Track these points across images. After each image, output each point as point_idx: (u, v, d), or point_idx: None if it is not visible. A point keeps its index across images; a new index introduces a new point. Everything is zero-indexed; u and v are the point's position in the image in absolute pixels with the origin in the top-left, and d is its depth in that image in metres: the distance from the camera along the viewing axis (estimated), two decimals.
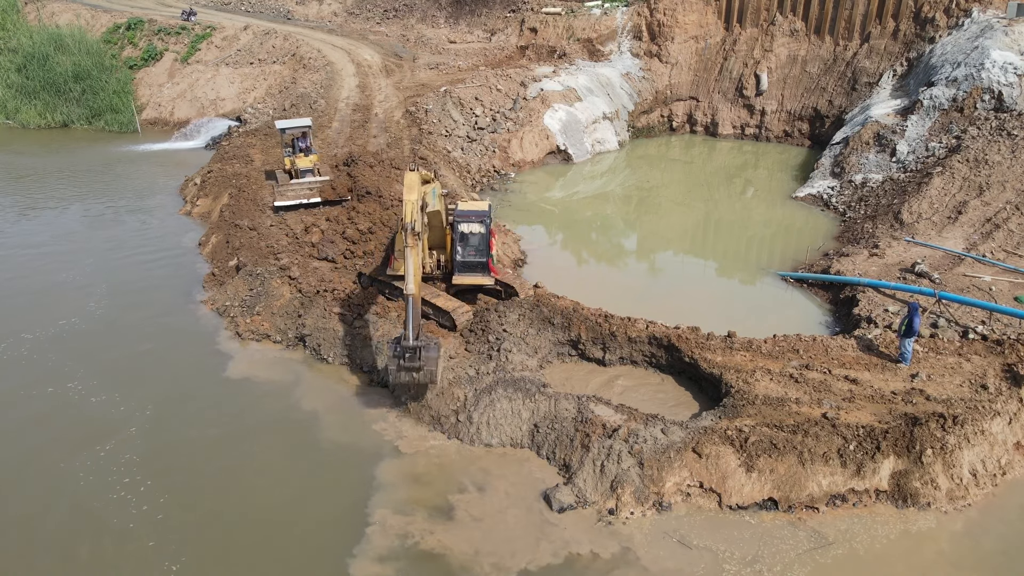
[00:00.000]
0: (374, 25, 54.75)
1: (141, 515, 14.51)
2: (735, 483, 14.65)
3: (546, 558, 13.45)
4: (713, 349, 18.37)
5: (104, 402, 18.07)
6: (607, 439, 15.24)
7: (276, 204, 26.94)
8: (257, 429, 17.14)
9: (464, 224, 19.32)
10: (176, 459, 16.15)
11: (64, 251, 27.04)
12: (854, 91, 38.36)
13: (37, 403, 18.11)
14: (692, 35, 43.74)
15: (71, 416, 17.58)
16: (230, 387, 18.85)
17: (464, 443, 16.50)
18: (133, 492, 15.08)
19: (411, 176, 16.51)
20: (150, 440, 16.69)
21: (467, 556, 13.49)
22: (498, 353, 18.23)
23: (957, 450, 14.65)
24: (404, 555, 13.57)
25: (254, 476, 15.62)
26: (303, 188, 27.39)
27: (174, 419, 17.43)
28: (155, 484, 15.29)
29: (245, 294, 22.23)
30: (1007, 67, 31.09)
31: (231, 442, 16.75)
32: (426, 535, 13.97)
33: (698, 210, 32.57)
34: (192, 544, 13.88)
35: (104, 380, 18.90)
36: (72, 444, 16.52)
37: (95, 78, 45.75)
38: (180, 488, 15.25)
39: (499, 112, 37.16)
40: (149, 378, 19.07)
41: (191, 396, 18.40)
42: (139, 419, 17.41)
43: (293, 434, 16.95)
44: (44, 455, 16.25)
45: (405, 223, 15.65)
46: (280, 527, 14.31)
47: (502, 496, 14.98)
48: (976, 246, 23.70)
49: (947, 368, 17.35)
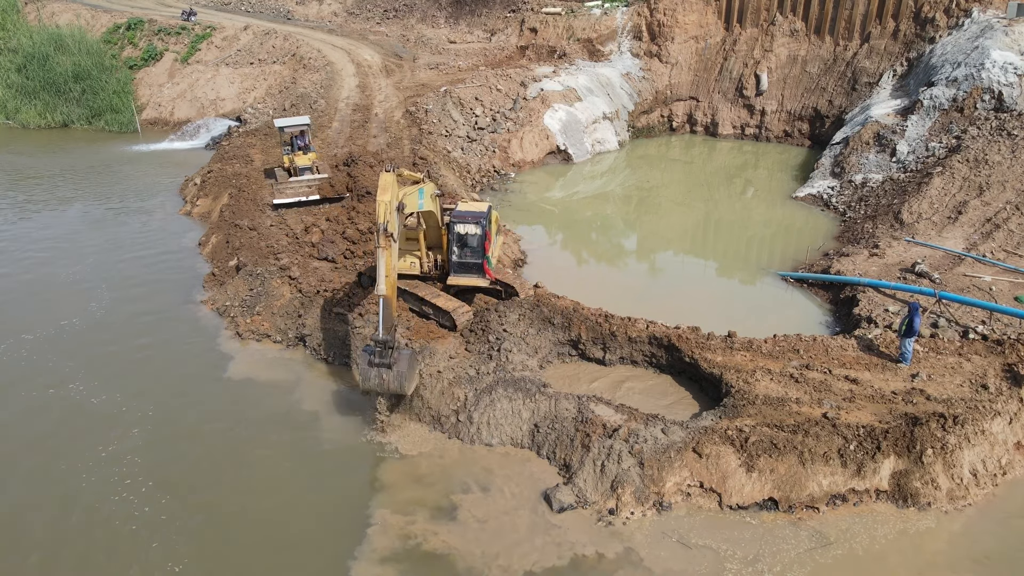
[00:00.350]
0: (374, 25, 54.75)
1: (143, 516, 14.51)
2: (735, 483, 14.65)
3: (548, 559, 13.44)
4: (713, 349, 18.37)
5: (104, 402, 18.07)
6: (607, 439, 15.24)
7: (275, 202, 27.13)
8: (257, 430, 17.14)
9: (460, 225, 19.18)
10: (177, 460, 16.17)
11: (64, 251, 27.04)
12: (854, 91, 38.36)
13: (37, 403, 18.11)
14: (692, 35, 43.74)
15: (71, 417, 17.58)
16: (230, 387, 18.86)
17: (464, 443, 16.50)
18: (135, 492, 15.10)
19: (386, 177, 16.19)
20: (151, 441, 16.70)
21: (469, 556, 13.48)
22: (498, 353, 18.22)
23: (957, 450, 14.65)
24: (406, 556, 13.56)
25: (255, 477, 15.63)
26: (302, 186, 27.54)
27: (175, 420, 17.43)
28: (156, 485, 15.33)
29: (245, 294, 22.24)
30: (1007, 67, 31.09)
31: (232, 443, 16.75)
32: (429, 536, 13.97)
33: (698, 210, 32.57)
34: (194, 545, 13.89)
35: (103, 381, 18.89)
36: (74, 444, 16.54)
37: (95, 78, 45.77)
38: (181, 489, 15.28)
39: (499, 112, 37.16)
40: (149, 379, 19.07)
41: (191, 396, 18.39)
42: (140, 419, 17.41)
43: (294, 434, 16.95)
44: (47, 456, 16.25)
45: (378, 223, 15.58)
46: (281, 527, 14.30)
47: (504, 496, 14.98)
48: (976, 246, 23.70)
49: (947, 368, 17.35)
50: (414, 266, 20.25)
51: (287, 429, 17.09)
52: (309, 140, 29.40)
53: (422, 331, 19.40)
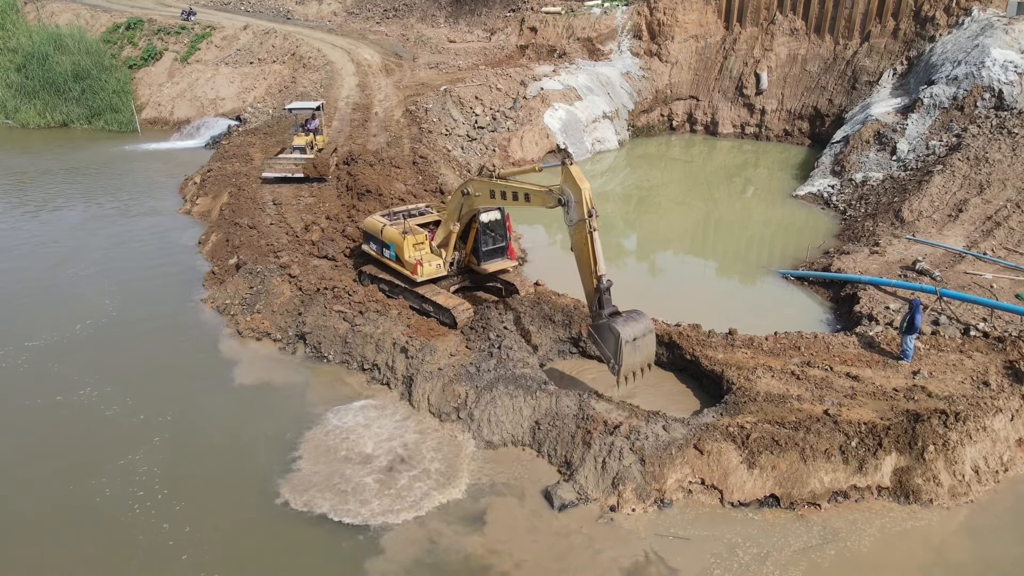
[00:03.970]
0: (374, 25, 54.76)
1: (160, 526, 14.20)
2: (737, 480, 14.61)
3: (549, 556, 13.41)
4: (714, 346, 18.35)
5: (105, 402, 18.00)
6: (608, 436, 15.19)
7: (262, 175, 29.26)
8: (258, 430, 17.04)
9: (484, 214, 19.64)
10: (187, 466, 15.85)
11: (64, 251, 27.01)
12: (854, 90, 38.36)
13: (38, 402, 18.06)
14: (692, 34, 43.75)
15: (72, 419, 17.46)
16: (230, 387, 18.78)
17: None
18: (152, 500, 14.77)
19: (576, 169, 16.21)
20: (159, 447, 16.42)
21: (474, 555, 13.46)
22: (499, 350, 18.19)
23: (959, 447, 14.61)
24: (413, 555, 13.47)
25: (260, 481, 15.43)
26: (289, 163, 29.26)
27: (176, 422, 17.28)
28: (171, 493, 14.96)
29: (245, 292, 22.20)
30: (1007, 65, 31.09)
31: (233, 444, 16.64)
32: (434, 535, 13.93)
33: (698, 209, 32.55)
34: (221, 556, 13.55)
35: (112, 386, 18.70)
36: (88, 453, 16.28)
37: (95, 78, 45.77)
38: (198, 498, 14.90)
39: (499, 111, 37.15)
40: (149, 379, 18.96)
41: (191, 396, 18.30)
42: (140, 421, 17.32)
43: (293, 434, 16.86)
44: (61, 464, 15.91)
45: (591, 209, 15.72)
46: (284, 529, 14.20)
47: (505, 494, 14.94)
48: (977, 244, 23.68)
49: (949, 365, 17.32)
50: (439, 268, 20.46)
51: (287, 429, 16.96)
52: (319, 124, 30.98)
53: (423, 329, 19.37)
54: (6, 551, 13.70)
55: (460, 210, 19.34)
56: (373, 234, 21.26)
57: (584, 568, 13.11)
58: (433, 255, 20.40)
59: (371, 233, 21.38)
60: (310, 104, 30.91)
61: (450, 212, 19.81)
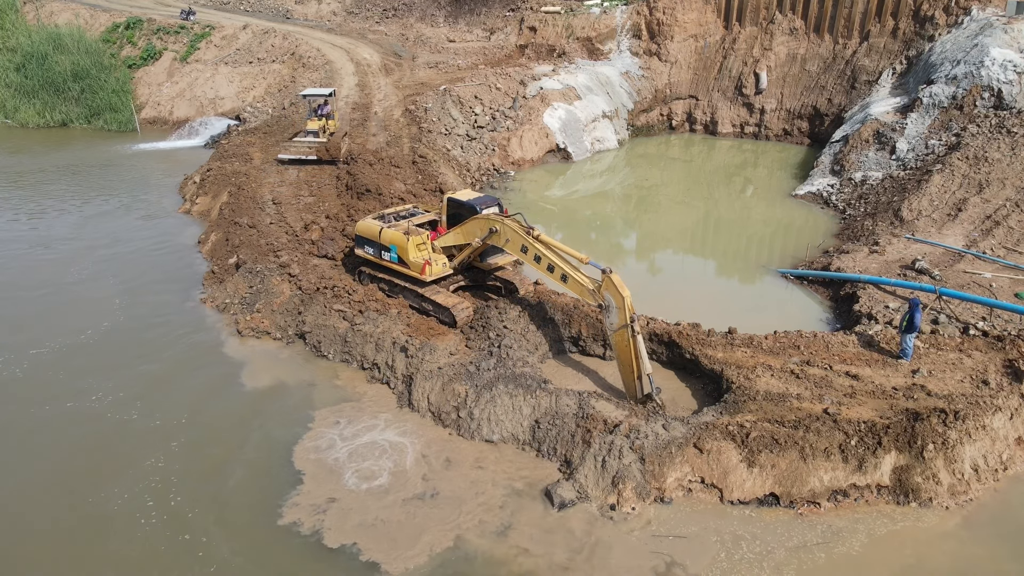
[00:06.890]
0: (373, 24, 54.74)
1: (182, 536, 14.19)
2: (736, 478, 14.63)
3: (550, 554, 13.42)
4: (714, 345, 18.36)
5: (104, 402, 17.97)
6: (608, 435, 15.21)
7: (279, 156, 31.06)
8: (257, 430, 17.03)
9: (485, 211, 19.70)
10: (194, 472, 15.68)
11: (64, 250, 26.97)
12: (853, 89, 38.39)
13: (38, 402, 18.05)
14: (691, 34, 43.76)
15: (73, 422, 17.41)
16: (229, 387, 18.76)
17: (465, 439, 16.46)
18: (164, 506, 14.63)
19: (617, 277, 16.51)
20: (164, 453, 16.29)
21: (481, 552, 13.47)
22: (499, 349, 18.19)
23: (958, 445, 14.63)
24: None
25: (267, 486, 15.29)
26: (303, 146, 31.10)
27: (177, 423, 17.21)
28: (184, 500, 14.81)
29: (245, 292, 22.20)
30: (1007, 65, 31.12)
31: (234, 446, 16.59)
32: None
33: (698, 209, 32.57)
34: (248, 567, 13.44)
35: (103, 382, 18.75)
36: (100, 459, 16.12)
37: (94, 77, 45.69)
38: (215, 507, 14.70)
39: (499, 111, 37.15)
40: (149, 379, 18.93)
41: (190, 396, 18.27)
42: (140, 424, 17.30)
43: (293, 434, 16.85)
44: (76, 471, 15.73)
45: (631, 322, 16.13)
46: (289, 528, 14.20)
47: (506, 493, 14.95)
48: (976, 243, 23.70)
49: (948, 364, 17.34)
50: (446, 267, 20.57)
51: (287, 429, 16.94)
52: (330, 110, 33.09)
53: (422, 328, 19.39)
54: (22, 557, 13.60)
55: (482, 238, 19.20)
56: (370, 237, 20.99)
57: (584, 567, 13.12)
58: (437, 254, 20.40)
59: (367, 237, 21.10)
60: (323, 91, 32.78)
61: (466, 233, 19.62)
